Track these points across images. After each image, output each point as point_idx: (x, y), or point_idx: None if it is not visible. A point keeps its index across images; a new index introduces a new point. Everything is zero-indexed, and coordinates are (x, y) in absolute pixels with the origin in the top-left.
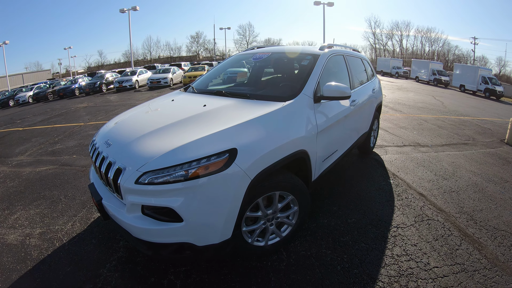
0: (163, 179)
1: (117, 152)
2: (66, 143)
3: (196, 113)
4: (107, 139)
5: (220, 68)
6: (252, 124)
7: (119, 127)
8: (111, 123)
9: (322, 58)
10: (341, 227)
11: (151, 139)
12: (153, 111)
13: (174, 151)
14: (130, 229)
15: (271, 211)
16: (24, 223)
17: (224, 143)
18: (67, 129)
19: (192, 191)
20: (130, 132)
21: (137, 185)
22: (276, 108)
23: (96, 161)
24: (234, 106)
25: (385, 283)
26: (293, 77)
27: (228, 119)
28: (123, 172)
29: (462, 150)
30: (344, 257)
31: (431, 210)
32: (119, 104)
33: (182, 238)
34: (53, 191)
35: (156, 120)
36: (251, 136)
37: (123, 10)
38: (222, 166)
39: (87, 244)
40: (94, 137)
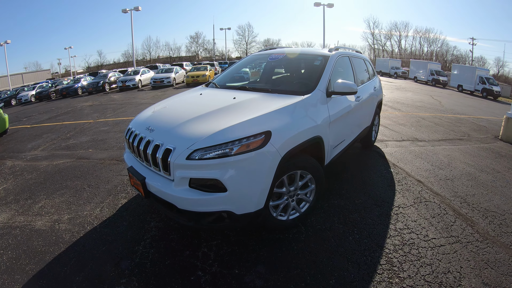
0: (212, 154)
1: (163, 135)
2: (79, 139)
3: (229, 103)
4: (148, 126)
5: (237, 66)
6: (279, 112)
7: (158, 116)
8: (147, 113)
9: (332, 59)
10: (350, 206)
11: (194, 124)
12: (186, 102)
13: (220, 132)
14: (177, 201)
15: (293, 188)
16: (50, 211)
17: (260, 126)
18: (77, 126)
19: (235, 165)
20: (171, 119)
21: (188, 160)
22: (297, 100)
23: (140, 144)
24: (260, 99)
25: (391, 250)
26: (307, 75)
27: (258, 109)
28: (173, 151)
29: (457, 144)
30: (354, 230)
31: (428, 194)
32: (125, 103)
33: (224, 206)
34: (75, 181)
35: (194, 109)
36: (280, 122)
37: (125, 10)
38: (260, 145)
39: (118, 226)
40: (129, 126)
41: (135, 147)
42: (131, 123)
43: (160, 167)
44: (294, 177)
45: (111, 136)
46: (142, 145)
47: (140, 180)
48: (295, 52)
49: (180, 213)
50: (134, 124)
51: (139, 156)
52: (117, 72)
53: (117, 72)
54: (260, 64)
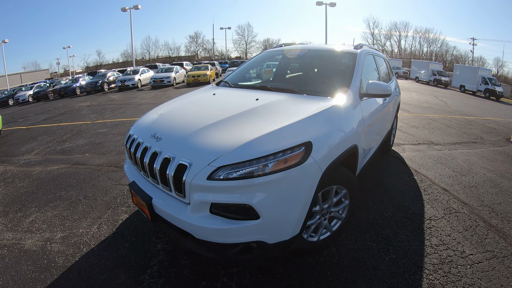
0: (241, 173)
1: (174, 146)
2: (76, 142)
3: (252, 106)
4: (154, 133)
5: (251, 64)
6: (316, 118)
7: (166, 121)
8: (151, 117)
9: (360, 56)
10: (380, 221)
11: (214, 132)
12: (199, 104)
13: (249, 143)
14: (194, 230)
15: (326, 205)
16: (41, 227)
17: (297, 136)
18: (74, 127)
19: (271, 186)
20: (183, 125)
21: (210, 181)
22: (332, 103)
23: (144, 156)
24: (288, 101)
25: (430, 270)
26: (336, 74)
27: (289, 113)
28: (189, 168)
29: (472, 148)
30: (389, 249)
31: (456, 204)
32: (124, 103)
33: (255, 236)
34: (70, 191)
35: (210, 113)
36: (318, 129)
37: (125, 9)
38: (301, 159)
39: (120, 249)
40: (130, 131)
41: (138, 159)
42: (133, 128)
43: (172, 187)
44: (329, 193)
45: (109, 139)
46: (147, 157)
47: (146, 201)
48: (317, 48)
49: (197, 242)
50: (136, 129)
51: (143, 170)
52: (116, 71)
53: (116, 71)
54: (277, 61)
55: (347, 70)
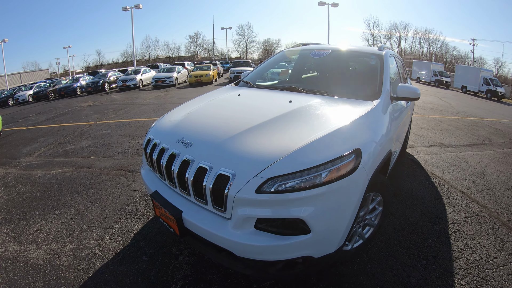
0: (293, 185)
1: (209, 153)
2: (79, 143)
3: (288, 109)
4: (181, 137)
5: (270, 63)
6: (361, 123)
7: (193, 123)
8: (174, 118)
9: (386, 58)
10: (406, 226)
11: (254, 138)
12: (227, 106)
13: (300, 152)
14: (236, 247)
15: (362, 213)
16: (47, 237)
17: (347, 143)
18: (76, 128)
19: (324, 198)
20: (216, 130)
21: (259, 194)
22: (370, 107)
23: (172, 165)
24: (324, 104)
25: (460, 275)
26: (366, 76)
27: (330, 117)
28: (232, 179)
29: (483, 150)
30: (419, 255)
31: (476, 207)
32: (127, 103)
33: (302, 251)
34: (76, 197)
35: (243, 116)
36: (364, 135)
37: (126, 8)
38: (352, 168)
39: (137, 263)
40: (150, 135)
41: (164, 167)
42: (152, 132)
43: (209, 200)
44: (366, 200)
45: (114, 140)
46: (176, 165)
47: (175, 215)
48: (341, 49)
49: (234, 259)
50: (158, 133)
51: (170, 179)
52: (117, 71)
53: (117, 71)
54: (298, 61)
55: (376, 72)
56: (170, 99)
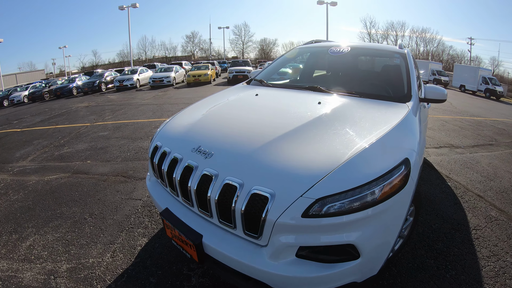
0: (345, 205)
1: (237, 167)
2: (75, 146)
3: (319, 113)
4: (198, 145)
5: (282, 62)
6: (402, 129)
7: (210, 128)
8: (185, 121)
9: (409, 57)
10: (430, 234)
11: (289, 147)
12: (246, 108)
13: (349, 165)
14: (272, 279)
15: None
16: (42, 254)
17: (395, 152)
18: (72, 130)
19: (377, 218)
20: (241, 136)
21: (307, 218)
22: (406, 110)
23: (189, 179)
24: (356, 106)
25: (489, 284)
26: (392, 76)
27: (368, 122)
28: (271, 200)
29: (491, 151)
30: (447, 265)
31: (495, 211)
32: (124, 103)
33: (349, 278)
34: (72, 207)
35: (269, 120)
36: (407, 142)
37: (122, 7)
38: (404, 181)
39: (145, 285)
40: (156, 141)
41: (177, 181)
42: (159, 137)
43: (240, 224)
44: None
45: (112, 143)
46: (194, 181)
47: (193, 241)
48: (362, 46)
49: None
50: (166, 138)
51: (186, 197)
52: (113, 71)
53: (114, 71)
54: (313, 59)
55: (402, 71)
56: (169, 99)
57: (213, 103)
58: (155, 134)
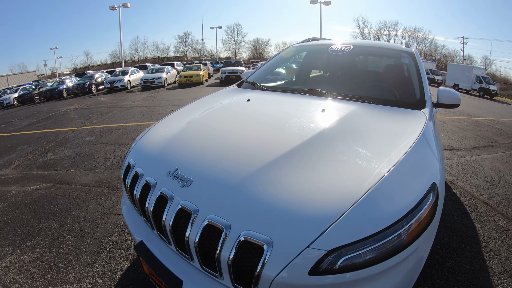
0: (365, 256)
1: (224, 201)
2: (60, 153)
3: (327, 124)
4: (175, 168)
5: (276, 62)
6: (423, 143)
7: (191, 144)
8: (162, 135)
9: (418, 56)
10: (439, 249)
11: (290, 174)
12: (236, 118)
13: (368, 200)
14: None
15: None
16: (17, 278)
17: (419, 176)
18: (59, 134)
19: (400, 265)
20: (230, 158)
21: (316, 276)
22: (424, 119)
23: (164, 214)
24: (369, 115)
25: None
26: (401, 77)
27: (386, 136)
28: (268, 250)
29: (492, 153)
30: (459, 285)
31: (503, 220)
32: (113, 106)
33: None
34: (51, 223)
35: (264, 136)
36: (431, 160)
37: (113, 7)
38: (432, 213)
39: None
40: (129, 159)
41: (150, 213)
42: (133, 153)
43: (228, 276)
44: None
45: (97, 149)
46: (170, 216)
47: (170, 285)
48: (365, 44)
49: None
50: (140, 156)
51: (161, 233)
52: (104, 72)
53: (105, 72)
54: (311, 59)
55: (413, 73)
56: (159, 101)
57: (197, 111)
58: (130, 148)
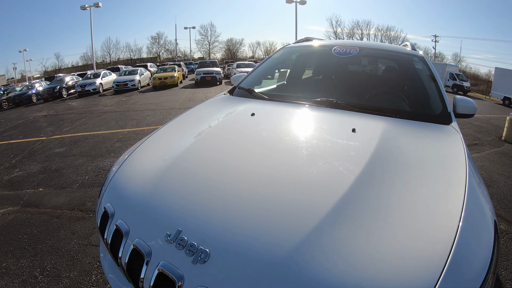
0: None
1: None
2: (27, 168)
3: (368, 154)
4: (178, 230)
5: (270, 65)
6: (472, 169)
7: (196, 192)
8: (151, 165)
9: (429, 61)
10: None
11: (350, 239)
12: (249, 144)
13: (456, 266)
14: None
15: None
16: None
17: (482, 218)
18: (26, 146)
19: None
20: (251, 216)
21: None
22: (459, 137)
23: None
24: (401, 133)
25: None
26: (418, 86)
27: (431, 166)
28: None
29: (478, 151)
30: None
31: (503, 224)
32: (85, 111)
33: None
34: (21, 258)
35: (294, 175)
36: (482, 190)
37: (84, 7)
38: (496, 257)
39: None
40: (106, 201)
41: None
42: (109, 195)
43: None
44: None
45: (68, 163)
46: None
47: None
48: (373, 47)
49: None
50: (121, 199)
51: None
52: (75, 75)
53: (76, 75)
54: (310, 61)
55: (428, 80)
56: (133, 105)
57: (190, 131)
58: (105, 182)
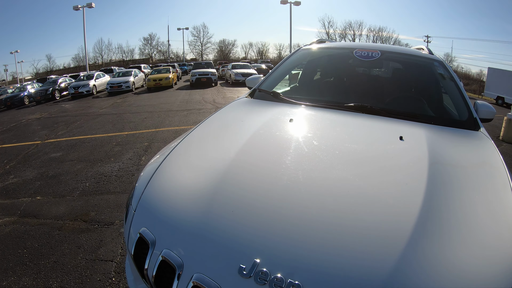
0: None
1: None
2: (23, 174)
3: (424, 165)
4: (253, 261)
5: (289, 67)
6: None
7: (264, 209)
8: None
9: (448, 65)
10: None
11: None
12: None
13: None
14: None
15: None
16: None
17: None
18: (20, 150)
19: None
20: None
21: None
22: (491, 143)
23: None
24: (444, 140)
25: None
26: (442, 91)
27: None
28: None
29: None
30: None
31: None
32: (80, 114)
33: None
34: (22, 276)
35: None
36: None
37: (77, 8)
38: None
39: None
40: (141, 224)
41: None
42: (143, 216)
43: None
44: None
45: (66, 168)
46: None
47: None
48: (394, 50)
49: None
50: (163, 223)
51: None
52: (68, 77)
53: (68, 77)
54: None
55: (451, 85)
56: (129, 107)
57: (230, 137)
58: (131, 199)
